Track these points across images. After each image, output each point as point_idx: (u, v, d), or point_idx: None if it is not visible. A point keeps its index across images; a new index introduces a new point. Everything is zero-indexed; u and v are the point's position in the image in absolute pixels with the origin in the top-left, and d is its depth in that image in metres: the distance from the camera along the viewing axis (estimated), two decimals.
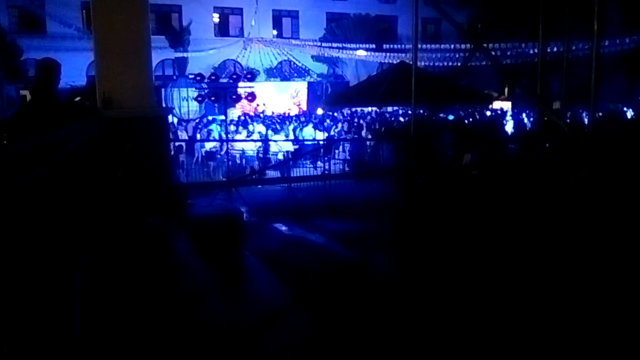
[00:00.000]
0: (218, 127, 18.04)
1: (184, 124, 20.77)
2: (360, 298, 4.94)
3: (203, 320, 4.35)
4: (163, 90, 25.26)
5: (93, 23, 7.87)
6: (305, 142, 16.13)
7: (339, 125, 19.73)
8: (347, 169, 14.32)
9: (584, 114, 14.63)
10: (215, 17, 32.67)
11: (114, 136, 6.94)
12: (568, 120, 10.26)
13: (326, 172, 12.83)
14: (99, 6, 7.69)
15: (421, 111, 10.54)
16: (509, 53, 23.45)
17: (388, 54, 27.11)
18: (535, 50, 10.27)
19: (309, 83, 31.43)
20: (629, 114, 20.75)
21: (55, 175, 3.18)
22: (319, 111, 23.45)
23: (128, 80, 7.57)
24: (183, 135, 18.32)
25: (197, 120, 20.93)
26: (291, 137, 17.33)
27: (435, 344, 4.06)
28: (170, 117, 14.25)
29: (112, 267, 4.63)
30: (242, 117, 22.35)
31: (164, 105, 21.68)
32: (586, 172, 6.05)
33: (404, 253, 6.54)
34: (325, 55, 30.58)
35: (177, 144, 14.30)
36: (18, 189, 2.23)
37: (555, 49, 14.56)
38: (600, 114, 15.95)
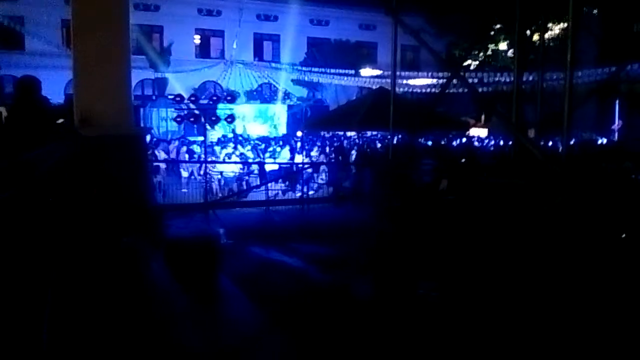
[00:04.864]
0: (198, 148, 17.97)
1: (161, 144, 20.62)
2: (335, 322, 4.92)
3: (176, 343, 4.27)
4: (142, 110, 25.14)
5: (73, 41, 7.83)
6: (282, 165, 16.12)
7: (315, 149, 19.71)
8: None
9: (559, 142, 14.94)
10: (197, 39, 32.82)
11: (90, 155, 6.86)
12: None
13: (304, 195, 12.82)
14: (79, 24, 7.66)
15: (399, 136, 10.65)
16: (485, 81, 23.95)
17: (367, 80, 27.45)
18: (511, 79, 10.51)
19: (288, 106, 31.60)
20: (601, 141, 21.30)
21: (30, 195, 3.13)
22: (299, 133, 23.56)
23: (106, 99, 7.52)
24: (161, 155, 18.15)
25: (176, 143, 20.76)
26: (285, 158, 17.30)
27: None
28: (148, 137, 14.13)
29: (85, 287, 4.54)
30: (222, 139, 22.30)
31: (142, 124, 21.55)
32: (559, 199, 6.16)
33: (379, 277, 6.54)
34: (306, 79, 30.84)
35: (154, 164, 14.17)
36: None
37: (530, 78, 14.91)
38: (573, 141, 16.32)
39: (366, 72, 28.97)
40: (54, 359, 3.00)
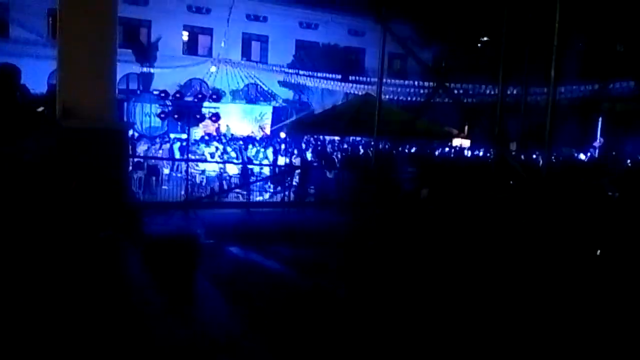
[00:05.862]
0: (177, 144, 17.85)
1: (142, 140, 20.40)
2: (311, 324, 4.91)
3: (151, 342, 4.22)
4: (126, 104, 24.90)
5: (58, 30, 7.73)
6: (263, 167, 16.06)
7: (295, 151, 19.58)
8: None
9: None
10: (185, 35, 32.62)
11: (70, 147, 6.77)
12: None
13: (286, 198, 12.80)
14: (66, 13, 7.57)
15: (383, 143, 10.70)
16: (470, 92, 24.15)
17: (354, 85, 27.54)
18: (496, 91, 10.63)
19: (274, 108, 31.53)
20: (582, 157, 21.60)
21: (8, 185, 3.08)
22: (282, 135, 23.51)
23: (90, 90, 7.43)
24: (139, 151, 17.92)
25: (158, 140, 20.57)
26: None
27: None
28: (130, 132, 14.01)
29: (59, 282, 4.47)
30: (206, 137, 22.21)
31: (125, 119, 21.34)
32: (538, 210, 6.24)
33: (356, 280, 6.56)
34: (292, 81, 30.83)
35: (135, 160, 14.02)
36: None
37: (514, 92, 15.07)
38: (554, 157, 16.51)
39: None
40: (26, 354, 2.95)
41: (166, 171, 15.90)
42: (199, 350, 4.21)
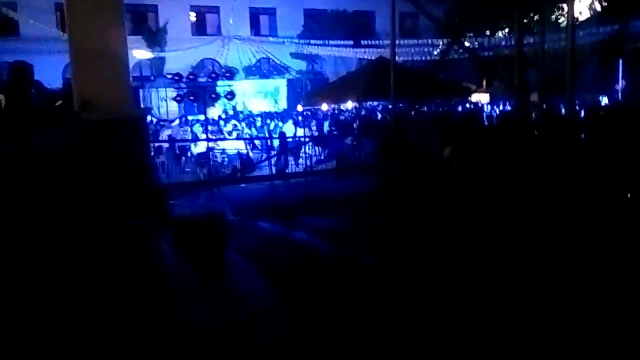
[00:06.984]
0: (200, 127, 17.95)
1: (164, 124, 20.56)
2: (346, 294, 4.95)
3: (189, 320, 4.33)
4: (141, 90, 25.02)
5: (67, 24, 7.75)
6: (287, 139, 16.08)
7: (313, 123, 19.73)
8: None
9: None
10: (192, 16, 32.45)
11: (94, 139, 6.85)
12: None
13: (308, 168, 12.82)
14: (74, 7, 7.57)
15: (400, 106, 10.59)
16: (486, 45, 23.66)
17: (367, 50, 27.15)
18: (513, 43, 10.40)
19: (288, 80, 31.37)
20: (604, 101, 21.10)
21: (35, 181, 3.13)
22: (299, 108, 23.44)
23: (105, 81, 7.47)
24: (163, 136, 18.12)
25: (180, 121, 20.69)
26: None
27: (420, 337, 4.09)
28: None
29: (96, 270, 4.58)
30: (223, 116, 22.28)
31: (142, 106, 21.49)
32: (567, 160, 6.14)
33: (388, 247, 6.57)
34: (304, 52, 30.55)
35: (156, 144, 14.17)
36: None
37: (532, 41, 14.73)
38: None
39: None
40: (69, 340, 3.05)
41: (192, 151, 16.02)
42: (233, 324, 4.29)
